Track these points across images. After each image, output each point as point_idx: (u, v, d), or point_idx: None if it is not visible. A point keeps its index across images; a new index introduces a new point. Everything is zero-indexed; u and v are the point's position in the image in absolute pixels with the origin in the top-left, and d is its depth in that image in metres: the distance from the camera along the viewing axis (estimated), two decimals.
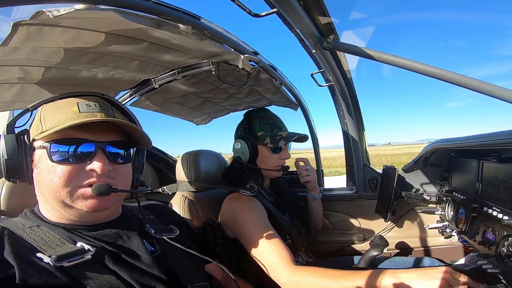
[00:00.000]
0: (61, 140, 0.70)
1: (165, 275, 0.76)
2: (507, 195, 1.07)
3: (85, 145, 0.71)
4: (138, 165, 0.89)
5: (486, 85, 0.90)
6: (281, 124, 1.48)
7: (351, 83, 1.74)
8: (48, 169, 0.69)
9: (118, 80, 1.30)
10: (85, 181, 0.70)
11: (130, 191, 0.83)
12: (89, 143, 0.71)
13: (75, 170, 0.70)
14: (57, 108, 0.74)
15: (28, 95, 1.12)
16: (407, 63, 1.03)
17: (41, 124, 0.72)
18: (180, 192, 1.55)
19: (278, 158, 1.44)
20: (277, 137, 1.40)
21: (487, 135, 1.11)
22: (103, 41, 0.90)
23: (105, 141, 0.74)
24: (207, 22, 1.03)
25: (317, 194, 1.67)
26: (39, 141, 0.71)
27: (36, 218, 0.75)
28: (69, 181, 0.69)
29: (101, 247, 0.72)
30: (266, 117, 1.48)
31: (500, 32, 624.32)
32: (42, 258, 0.63)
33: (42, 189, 0.71)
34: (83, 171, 0.71)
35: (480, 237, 1.19)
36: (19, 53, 0.83)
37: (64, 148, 0.69)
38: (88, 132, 0.72)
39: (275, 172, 1.46)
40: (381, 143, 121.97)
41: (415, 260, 1.57)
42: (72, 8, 0.65)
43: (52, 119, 0.71)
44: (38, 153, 0.72)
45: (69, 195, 0.69)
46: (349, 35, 1.31)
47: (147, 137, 0.79)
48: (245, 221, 1.22)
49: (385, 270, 0.94)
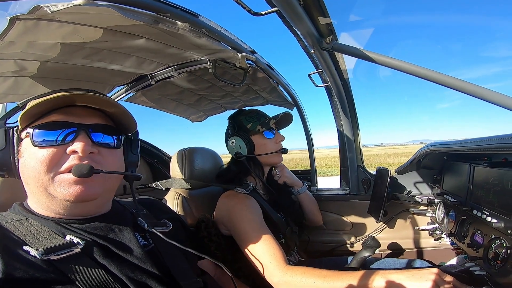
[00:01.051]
0: (44, 125, 0.68)
1: (157, 270, 0.75)
2: (496, 198, 1.09)
3: (67, 128, 0.69)
4: (132, 158, 0.86)
5: (476, 88, 0.92)
6: (264, 113, 1.53)
7: (348, 84, 1.75)
8: (31, 156, 0.68)
9: (114, 75, 1.29)
10: (66, 165, 0.67)
11: (116, 173, 0.77)
12: (72, 127, 0.70)
13: (57, 154, 0.68)
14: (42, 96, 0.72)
15: (21, 89, 1.11)
16: (403, 66, 1.04)
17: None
18: (173, 189, 1.55)
19: (274, 142, 1.47)
20: (266, 121, 1.44)
21: (479, 139, 1.13)
22: (100, 36, 0.90)
23: (88, 124, 0.72)
24: (205, 20, 1.03)
25: (300, 188, 1.69)
26: (24, 130, 0.71)
27: (25, 211, 0.73)
28: (51, 166, 0.67)
29: (91, 240, 0.70)
30: (249, 111, 1.52)
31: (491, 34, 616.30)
32: (28, 251, 0.61)
33: (27, 178, 0.70)
34: (64, 155, 0.68)
35: (469, 239, 1.21)
36: (15, 47, 0.82)
37: (47, 132, 0.68)
38: (72, 115, 0.71)
39: (276, 157, 1.48)
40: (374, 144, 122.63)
41: (405, 261, 1.59)
42: (71, 4, 0.65)
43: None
44: (24, 142, 0.71)
45: (51, 182, 0.67)
46: (347, 36, 1.32)
47: (132, 118, 0.77)
48: (239, 219, 1.22)
49: (376, 271, 0.96)
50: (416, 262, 1.59)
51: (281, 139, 1.49)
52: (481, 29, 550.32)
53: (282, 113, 1.47)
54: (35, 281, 0.58)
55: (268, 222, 1.27)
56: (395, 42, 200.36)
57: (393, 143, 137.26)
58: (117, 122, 0.79)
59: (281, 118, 1.47)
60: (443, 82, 0.98)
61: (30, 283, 0.58)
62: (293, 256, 1.47)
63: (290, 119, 1.55)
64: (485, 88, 0.90)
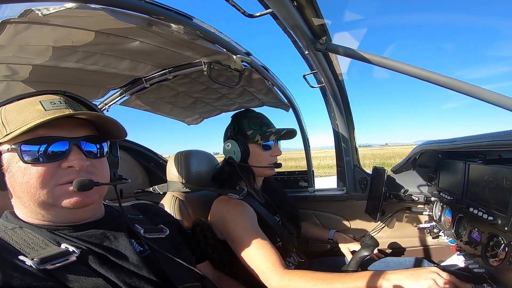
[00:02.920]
0: (31, 140, 0.66)
1: (154, 276, 0.74)
2: (492, 196, 1.09)
3: (58, 143, 0.68)
4: (113, 159, 0.86)
5: (474, 88, 0.92)
6: (269, 122, 1.49)
7: (343, 84, 1.75)
8: (21, 171, 0.66)
9: (108, 79, 1.28)
10: (64, 179, 0.68)
11: (112, 184, 0.81)
12: (62, 141, 0.68)
13: (51, 170, 0.67)
14: (19, 109, 0.69)
15: (14, 93, 1.08)
16: (398, 66, 1.04)
17: (5, 126, 0.67)
18: (170, 193, 1.54)
19: (269, 155, 1.44)
20: (266, 133, 1.40)
21: (473, 137, 1.13)
22: (93, 39, 0.89)
23: (78, 137, 0.71)
24: (199, 22, 1.03)
25: None
26: (5, 144, 0.67)
27: (17, 220, 0.72)
28: (47, 181, 0.66)
29: (86, 248, 0.70)
30: (254, 116, 1.48)
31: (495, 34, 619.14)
32: (24, 261, 0.60)
33: (18, 192, 0.68)
34: (59, 169, 0.68)
35: (467, 237, 1.21)
36: (6, 51, 0.81)
37: (35, 148, 0.66)
38: (59, 129, 0.69)
39: (269, 170, 1.46)
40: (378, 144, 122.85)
41: (404, 261, 1.59)
42: (63, 7, 0.64)
43: (16, 120, 0.66)
44: (6, 156, 0.67)
45: (50, 195, 0.67)
46: (341, 36, 1.32)
47: (121, 127, 0.76)
48: (234, 225, 1.21)
49: (375, 272, 0.96)
50: (414, 260, 1.59)
51: (277, 154, 1.46)
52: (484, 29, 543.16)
53: (286, 131, 1.44)
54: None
55: (264, 226, 1.26)
56: (389, 42, 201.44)
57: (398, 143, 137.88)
58: (100, 128, 0.78)
59: (283, 135, 1.45)
60: (438, 82, 0.99)
61: None
62: (292, 258, 1.47)
63: (293, 136, 1.53)
64: (482, 87, 0.90)
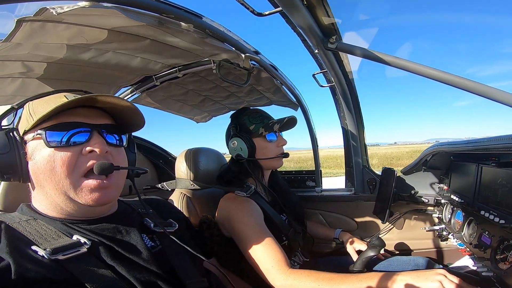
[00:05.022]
0: (56, 126, 0.69)
1: (164, 271, 0.75)
2: (504, 199, 1.07)
3: (80, 128, 0.71)
4: (131, 156, 0.88)
5: (487, 88, 0.90)
6: (268, 114, 1.50)
7: (353, 84, 1.73)
8: (45, 158, 0.68)
9: (119, 77, 1.30)
10: (85, 164, 0.70)
11: (132, 168, 0.83)
12: (85, 127, 0.71)
13: (75, 155, 0.69)
14: (45, 101, 0.73)
15: (29, 90, 1.12)
16: (410, 65, 1.03)
17: (31, 116, 0.71)
18: (178, 190, 1.56)
19: (275, 146, 1.44)
20: (269, 124, 1.41)
21: (487, 139, 1.11)
22: (105, 38, 0.91)
23: (99, 124, 0.74)
24: (208, 21, 1.04)
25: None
26: (30, 133, 0.70)
27: (32, 212, 0.74)
28: (71, 168, 0.68)
29: (98, 241, 0.71)
30: (252, 111, 1.49)
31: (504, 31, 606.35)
32: (37, 251, 0.62)
33: (42, 181, 0.70)
34: (81, 155, 0.70)
35: (476, 240, 1.19)
36: (22, 49, 0.84)
37: (60, 133, 0.69)
38: (82, 116, 0.72)
39: (276, 161, 1.46)
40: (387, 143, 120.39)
41: (411, 262, 1.57)
42: (76, 5, 0.66)
43: (42, 111, 0.69)
44: (31, 144, 0.70)
45: (73, 187, 0.69)
46: (351, 36, 1.31)
47: (141, 114, 0.78)
48: (240, 223, 1.21)
49: (381, 273, 0.95)
50: (421, 262, 1.57)
51: (283, 143, 1.46)
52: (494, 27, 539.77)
53: (287, 118, 1.44)
54: (45, 281, 0.59)
55: (270, 224, 1.26)
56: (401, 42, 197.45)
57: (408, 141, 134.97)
58: (119, 120, 0.80)
59: (286, 122, 1.45)
60: (451, 82, 0.97)
61: (40, 283, 0.58)
62: (297, 257, 1.46)
63: (294, 123, 1.52)
64: (495, 88, 0.88)
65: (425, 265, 1.52)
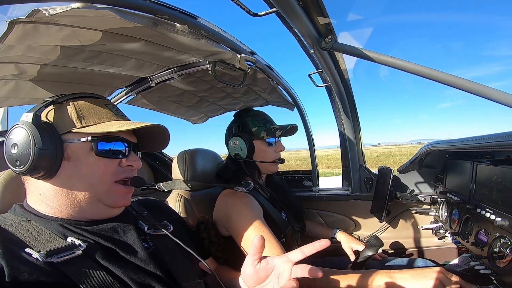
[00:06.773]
0: (108, 138, 0.76)
1: (160, 272, 0.75)
2: (500, 196, 1.08)
3: (125, 143, 0.80)
4: None
5: (479, 87, 0.91)
6: (271, 119, 1.53)
7: (348, 83, 1.74)
8: (90, 163, 0.73)
9: (114, 78, 1.29)
10: (123, 175, 0.79)
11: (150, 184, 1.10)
12: (127, 142, 0.80)
13: (115, 165, 0.77)
14: (92, 106, 0.79)
15: (22, 92, 1.11)
16: (404, 64, 1.03)
17: (80, 119, 0.75)
18: (176, 191, 1.55)
19: (274, 151, 1.46)
20: (272, 129, 1.43)
21: (481, 137, 1.12)
22: (99, 39, 0.90)
23: (135, 143, 0.84)
24: (204, 22, 1.03)
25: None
26: (77, 134, 0.73)
27: (26, 212, 0.73)
28: (109, 175, 0.76)
29: (93, 242, 0.71)
30: (257, 114, 1.51)
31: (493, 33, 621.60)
32: (31, 254, 0.61)
33: (74, 181, 0.72)
34: (119, 167, 0.78)
35: (473, 238, 1.20)
36: (15, 51, 0.82)
37: (109, 144, 0.76)
38: (124, 133, 0.81)
39: (273, 166, 1.48)
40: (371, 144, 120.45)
41: (409, 261, 1.58)
42: (69, 7, 0.65)
43: (92, 117, 0.76)
44: (75, 146, 0.73)
45: (106, 190, 0.76)
46: (347, 35, 1.32)
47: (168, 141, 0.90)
48: (239, 218, 1.21)
49: (379, 270, 0.95)
50: (420, 261, 1.58)
51: (281, 149, 1.49)
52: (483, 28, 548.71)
53: (290, 126, 1.45)
54: (39, 284, 0.58)
55: (269, 221, 1.25)
56: (395, 41, 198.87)
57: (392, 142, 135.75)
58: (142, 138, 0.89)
59: (288, 130, 1.47)
60: (444, 81, 0.98)
61: (35, 286, 0.58)
62: None
63: (295, 132, 1.54)
64: (487, 86, 0.89)
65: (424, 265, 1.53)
